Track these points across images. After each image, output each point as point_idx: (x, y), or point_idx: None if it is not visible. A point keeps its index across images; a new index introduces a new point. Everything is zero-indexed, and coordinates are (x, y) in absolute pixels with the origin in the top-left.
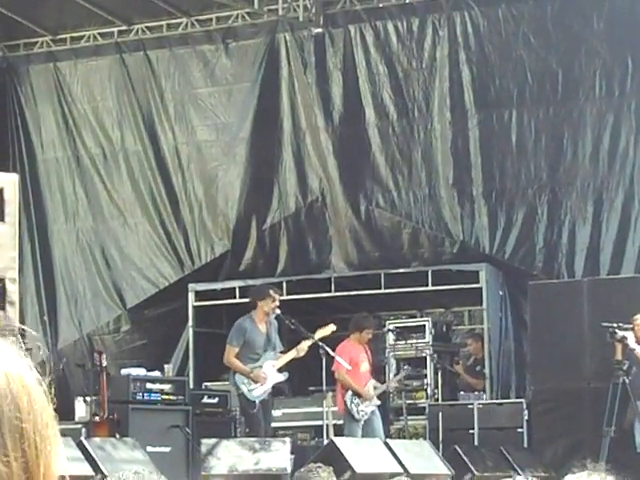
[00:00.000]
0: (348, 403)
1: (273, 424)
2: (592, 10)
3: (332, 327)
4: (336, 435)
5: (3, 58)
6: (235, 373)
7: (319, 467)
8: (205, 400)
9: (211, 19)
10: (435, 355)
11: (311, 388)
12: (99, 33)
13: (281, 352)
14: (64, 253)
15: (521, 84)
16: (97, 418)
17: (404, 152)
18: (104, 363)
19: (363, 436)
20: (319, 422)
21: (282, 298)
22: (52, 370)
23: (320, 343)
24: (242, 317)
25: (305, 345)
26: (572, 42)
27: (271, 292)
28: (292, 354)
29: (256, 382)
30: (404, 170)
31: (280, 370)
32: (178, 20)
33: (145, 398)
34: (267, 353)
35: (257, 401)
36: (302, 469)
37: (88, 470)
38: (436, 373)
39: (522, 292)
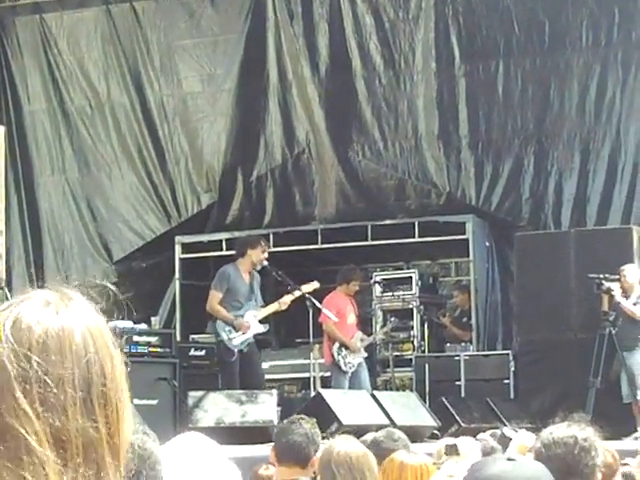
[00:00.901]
0: (335, 355)
1: None
2: None
3: (315, 284)
4: (323, 387)
5: None
6: (216, 320)
7: (302, 419)
8: (192, 352)
9: None
10: (422, 307)
11: (298, 340)
12: None
13: (262, 306)
14: (50, 205)
15: (508, 34)
16: None
17: (390, 103)
18: None
19: (350, 388)
20: (306, 374)
21: (269, 250)
22: None
23: (307, 295)
24: (226, 264)
25: (288, 299)
26: None
27: (262, 242)
28: (274, 307)
29: (238, 330)
30: (390, 121)
31: (261, 321)
32: None
33: (132, 351)
34: (249, 303)
35: (236, 350)
36: (285, 421)
37: None
38: (423, 325)
39: (508, 243)
